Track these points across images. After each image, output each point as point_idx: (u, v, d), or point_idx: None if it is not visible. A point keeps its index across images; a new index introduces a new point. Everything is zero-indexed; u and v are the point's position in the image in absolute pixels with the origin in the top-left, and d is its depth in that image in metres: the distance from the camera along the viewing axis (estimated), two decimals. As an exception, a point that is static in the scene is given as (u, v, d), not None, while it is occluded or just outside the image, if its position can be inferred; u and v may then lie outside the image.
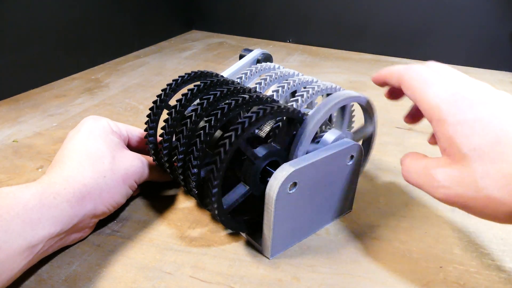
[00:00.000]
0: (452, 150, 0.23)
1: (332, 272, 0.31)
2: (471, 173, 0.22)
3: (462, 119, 0.23)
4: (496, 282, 0.30)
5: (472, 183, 0.22)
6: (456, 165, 0.23)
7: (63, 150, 0.32)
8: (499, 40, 0.81)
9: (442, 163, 0.24)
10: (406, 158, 0.28)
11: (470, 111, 0.23)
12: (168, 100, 0.35)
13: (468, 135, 0.22)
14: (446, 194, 0.23)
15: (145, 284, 0.29)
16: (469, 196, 0.22)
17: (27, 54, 0.65)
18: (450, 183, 0.23)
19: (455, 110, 0.23)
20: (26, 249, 0.26)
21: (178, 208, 0.38)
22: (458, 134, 0.22)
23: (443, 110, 0.24)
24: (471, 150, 0.22)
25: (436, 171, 0.24)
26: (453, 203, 0.23)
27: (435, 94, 0.25)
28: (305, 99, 0.34)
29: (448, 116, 0.23)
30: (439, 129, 0.24)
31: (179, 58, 0.87)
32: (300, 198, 0.31)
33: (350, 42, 0.95)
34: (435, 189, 0.24)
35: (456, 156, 0.22)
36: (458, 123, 0.23)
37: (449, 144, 0.23)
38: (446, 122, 0.23)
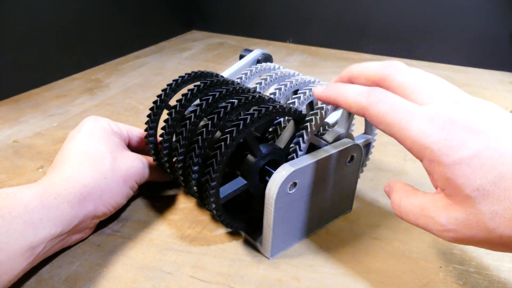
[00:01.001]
0: (452, 192, 0.21)
1: (332, 272, 0.31)
2: (478, 215, 0.20)
3: (458, 158, 0.20)
4: (496, 282, 0.30)
5: (481, 225, 0.20)
6: (458, 206, 0.21)
7: (64, 150, 0.33)
8: (499, 40, 0.81)
9: (442, 204, 0.22)
10: (394, 194, 0.25)
11: (465, 148, 0.20)
12: (168, 100, 0.35)
13: (468, 176, 0.20)
14: (455, 237, 0.21)
15: (146, 284, 0.29)
16: (481, 237, 0.20)
17: (27, 54, 0.65)
18: (456, 226, 0.21)
19: (448, 150, 0.20)
20: (27, 250, 0.26)
21: (178, 208, 0.38)
22: (457, 175, 0.20)
23: (434, 151, 0.21)
24: (474, 190, 0.20)
25: (438, 214, 0.22)
26: (465, 244, 0.22)
27: (420, 131, 0.21)
28: (304, 100, 0.34)
29: (442, 157, 0.21)
30: (434, 170, 0.21)
31: (179, 58, 0.87)
32: (300, 198, 0.31)
33: (350, 42, 0.95)
34: (441, 232, 0.22)
35: (458, 198, 0.21)
36: (454, 164, 0.20)
37: (447, 185, 0.21)
38: (441, 164, 0.21)
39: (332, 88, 0.27)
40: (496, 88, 0.73)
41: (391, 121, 0.22)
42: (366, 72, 0.26)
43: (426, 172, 0.22)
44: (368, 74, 0.26)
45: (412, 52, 0.89)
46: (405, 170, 0.45)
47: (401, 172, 0.44)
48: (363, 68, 0.27)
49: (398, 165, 0.46)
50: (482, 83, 0.76)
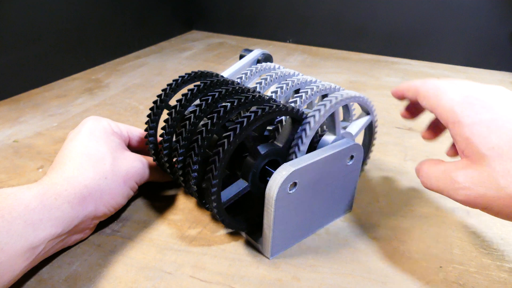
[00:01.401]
0: (470, 151, 0.23)
1: (332, 272, 0.31)
2: (491, 173, 0.22)
3: (478, 119, 0.23)
4: (496, 282, 0.30)
5: (492, 183, 0.21)
6: (475, 165, 0.23)
7: (64, 150, 0.32)
8: (499, 40, 0.81)
9: (461, 165, 0.24)
10: (423, 165, 0.28)
11: (484, 112, 0.23)
12: (168, 100, 0.35)
13: (485, 135, 0.22)
14: (467, 195, 0.23)
15: (146, 284, 0.29)
16: (491, 196, 0.22)
17: (27, 54, 0.65)
18: (470, 184, 0.23)
19: (469, 112, 0.23)
20: (27, 250, 0.26)
21: (178, 208, 0.38)
22: (475, 134, 0.23)
23: (457, 112, 0.24)
24: (489, 149, 0.22)
25: (456, 173, 0.24)
26: (475, 204, 0.23)
27: (449, 98, 0.25)
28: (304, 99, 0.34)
29: (464, 118, 0.23)
30: (456, 131, 0.24)
31: (179, 58, 0.87)
32: (300, 198, 0.31)
33: (350, 42, 0.95)
34: (456, 191, 0.23)
35: (475, 157, 0.23)
36: (474, 124, 0.23)
37: (466, 145, 0.23)
38: (462, 123, 0.23)
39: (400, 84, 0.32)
40: (496, 88, 0.73)
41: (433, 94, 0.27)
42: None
43: None
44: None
45: (412, 52, 0.89)
46: (405, 170, 0.45)
47: (401, 172, 0.44)
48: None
49: (398, 165, 0.46)
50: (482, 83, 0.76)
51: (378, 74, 0.79)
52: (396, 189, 0.41)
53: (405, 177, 0.43)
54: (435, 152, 0.49)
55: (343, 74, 0.78)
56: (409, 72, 0.81)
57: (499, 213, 0.22)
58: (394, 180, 0.43)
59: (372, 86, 0.72)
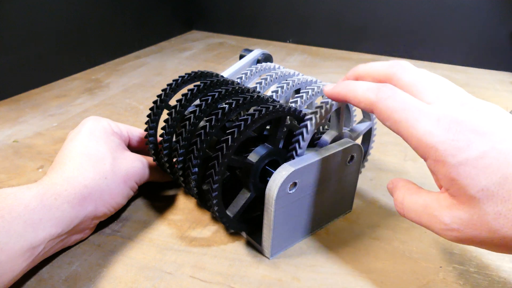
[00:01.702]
0: (456, 192, 0.21)
1: (332, 272, 0.31)
2: (482, 215, 0.20)
3: (464, 159, 0.20)
4: (496, 282, 0.30)
5: (484, 225, 0.20)
6: (463, 206, 0.21)
7: (64, 150, 0.32)
8: (499, 40, 0.81)
9: (446, 203, 0.22)
10: (398, 192, 0.25)
11: (471, 149, 0.20)
12: (168, 100, 0.35)
13: (472, 176, 0.20)
14: (458, 237, 0.21)
15: (146, 284, 0.29)
16: (484, 238, 0.21)
17: (27, 54, 0.65)
18: (460, 226, 0.21)
19: (454, 151, 0.21)
20: (27, 250, 0.26)
21: (178, 208, 0.38)
22: (462, 176, 0.20)
23: (440, 151, 0.21)
24: (479, 191, 0.20)
25: (441, 213, 0.22)
26: (467, 244, 0.22)
27: (426, 130, 0.22)
28: (305, 100, 0.34)
29: (447, 158, 0.21)
30: (439, 170, 0.22)
31: (179, 58, 0.87)
32: (300, 198, 0.31)
33: (350, 42, 0.95)
34: (444, 231, 0.22)
35: (462, 198, 0.21)
36: (460, 164, 0.20)
37: (452, 185, 0.21)
38: (446, 164, 0.21)
39: (342, 85, 0.27)
40: (496, 88, 0.73)
41: (399, 119, 0.23)
42: (372, 72, 0.27)
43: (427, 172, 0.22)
44: (375, 73, 0.26)
45: (412, 52, 0.89)
46: (405, 170, 0.45)
47: (401, 172, 0.44)
48: (369, 67, 0.27)
49: (398, 165, 0.46)
50: (482, 83, 0.76)
51: (378, 74, 0.78)
52: (396, 189, 0.41)
53: (405, 177, 0.43)
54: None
55: (343, 74, 0.78)
56: (409, 72, 0.81)
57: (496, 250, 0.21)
58: (394, 180, 0.43)
59: (372, 86, 0.72)
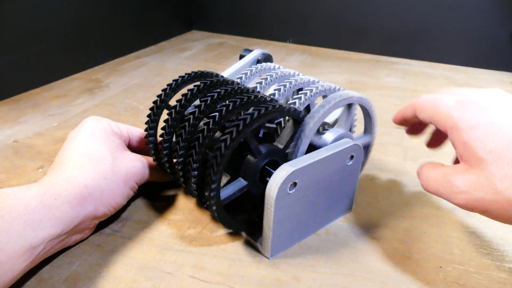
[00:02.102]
0: (468, 155, 0.23)
1: (332, 272, 0.31)
2: (489, 177, 0.22)
3: (475, 123, 0.23)
4: (496, 282, 0.30)
5: (490, 187, 0.22)
6: (473, 169, 0.23)
7: (64, 151, 0.32)
8: (499, 40, 0.81)
9: (460, 169, 0.24)
10: (424, 168, 0.28)
11: (481, 115, 0.23)
12: (168, 100, 0.35)
13: (482, 139, 0.22)
14: (466, 199, 0.23)
15: (146, 284, 0.29)
16: (489, 200, 0.22)
17: (27, 54, 0.65)
18: (469, 188, 0.23)
19: (466, 116, 0.23)
20: (27, 250, 0.26)
21: (178, 208, 0.38)
22: (472, 138, 0.23)
23: (454, 117, 0.24)
24: (487, 153, 0.22)
25: (455, 177, 0.24)
26: (473, 208, 0.23)
27: (445, 104, 0.25)
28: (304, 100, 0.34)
29: (460, 122, 0.24)
30: (454, 136, 0.24)
31: (179, 58, 0.87)
32: (300, 198, 0.31)
33: (350, 42, 0.95)
34: (455, 195, 0.24)
35: (473, 161, 0.23)
36: (471, 128, 0.23)
37: (464, 149, 0.23)
38: (459, 128, 0.24)
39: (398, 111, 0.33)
40: (496, 88, 0.73)
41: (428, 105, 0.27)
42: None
43: None
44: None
45: (412, 52, 0.89)
46: (405, 170, 0.45)
47: (401, 172, 0.44)
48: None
49: (398, 165, 0.46)
50: (482, 83, 0.76)
51: (378, 74, 0.79)
52: (396, 189, 0.41)
53: (405, 177, 0.43)
54: (435, 152, 0.49)
55: (343, 74, 0.78)
56: (409, 72, 0.81)
57: (498, 216, 0.22)
58: (394, 180, 0.43)
59: (372, 86, 0.72)
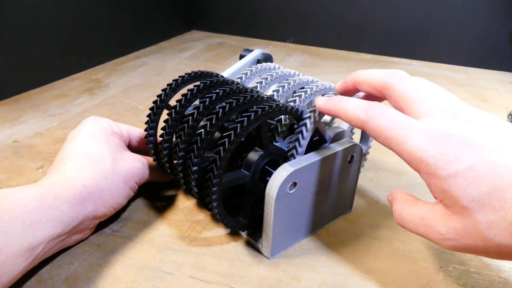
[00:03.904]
0: (449, 203, 0.22)
1: (332, 272, 0.31)
2: (475, 224, 0.21)
3: (454, 172, 0.21)
4: (496, 282, 0.30)
5: (478, 234, 0.21)
6: (456, 216, 0.22)
7: (64, 151, 0.32)
8: (499, 40, 0.81)
9: (441, 214, 0.22)
10: (396, 204, 0.26)
11: (460, 161, 0.21)
12: (168, 100, 0.35)
13: (463, 188, 0.21)
14: (454, 245, 0.22)
15: (146, 284, 0.29)
16: (479, 246, 0.21)
17: (27, 54, 0.65)
18: (455, 235, 0.22)
19: (443, 164, 0.21)
20: (26, 250, 0.26)
21: (178, 208, 0.38)
22: (453, 187, 0.21)
23: (430, 165, 0.22)
24: (470, 202, 0.21)
25: (436, 223, 0.22)
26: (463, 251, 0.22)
27: (416, 145, 0.22)
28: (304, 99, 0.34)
29: (438, 171, 0.21)
30: (431, 182, 0.22)
31: (179, 58, 0.87)
32: (300, 198, 0.31)
33: (350, 42, 0.95)
34: (441, 241, 0.23)
35: (455, 209, 0.22)
36: (450, 177, 0.21)
37: (444, 197, 0.22)
38: (437, 177, 0.22)
39: (333, 101, 0.28)
40: (496, 88, 0.73)
41: (389, 136, 0.23)
42: (370, 80, 0.27)
43: None
44: (372, 82, 0.27)
45: (412, 52, 0.89)
46: (405, 170, 0.45)
47: (401, 172, 0.44)
48: (367, 75, 0.28)
49: (398, 165, 0.46)
50: (482, 83, 0.76)
51: (378, 74, 0.78)
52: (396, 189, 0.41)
53: (405, 177, 0.43)
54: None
55: (343, 74, 0.78)
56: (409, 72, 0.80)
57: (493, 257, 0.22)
58: (394, 180, 0.43)
59: (372, 86, 0.72)
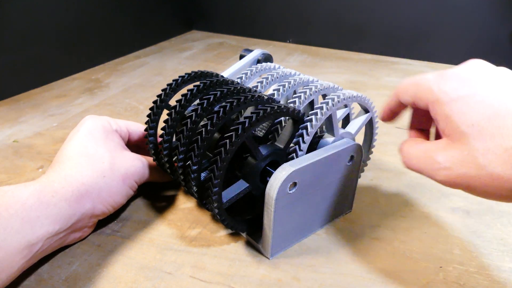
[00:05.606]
0: (450, 129, 0.22)
1: (332, 272, 0.31)
2: (471, 151, 0.21)
3: (456, 96, 0.22)
4: (496, 282, 0.30)
5: (473, 161, 0.21)
6: (456, 144, 0.22)
7: (63, 150, 0.33)
8: (499, 40, 0.81)
9: (442, 144, 0.23)
10: (405, 145, 0.27)
11: (463, 87, 0.22)
12: (168, 100, 0.35)
13: (464, 112, 0.21)
14: (448, 175, 0.22)
15: (145, 284, 0.29)
16: (472, 175, 0.21)
17: (27, 54, 0.65)
18: (451, 163, 0.22)
19: (447, 88, 0.23)
20: (25, 247, 0.26)
21: (178, 208, 0.38)
22: (454, 111, 0.22)
23: (435, 91, 0.23)
24: (469, 126, 0.21)
25: (437, 153, 0.23)
26: (455, 184, 0.22)
27: (426, 79, 0.25)
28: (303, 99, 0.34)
29: (442, 95, 0.23)
30: (435, 110, 0.23)
31: (179, 58, 0.87)
32: (300, 198, 0.31)
33: (350, 42, 0.95)
34: (436, 171, 0.23)
35: (455, 135, 0.22)
36: (452, 101, 0.22)
37: (446, 123, 0.22)
38: (441, 101, 0.23)
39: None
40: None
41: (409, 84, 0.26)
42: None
43: None
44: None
45: (412, 52, 0.89)
46: (405, 170, 0.45)
47: (401, 172, 0.44)
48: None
49: (398, 165, 0.46)
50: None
51: (378, 74, 0.79)
52: (396, 189, 0.41)
53: (405, 177, 0.43)
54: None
55: (343, 74, 0.78)
56: (409, 72, 0.81)
57: (481, 192, 0.22)
58: (394, 180, 0.43)
59: (372, 86, 0.72)
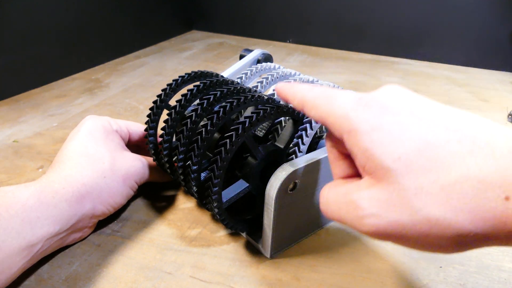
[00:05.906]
0: (372, 165, 0.18)
1: (332, 272, 0.31)
2: (401, 192, 0.17)
3: (377, 124, 0.18)
4: (496, 282, 0.30)
5: (404, 204, 0.17)
6: (381, 183, 0.17)
7: (63, 150, 0.33)
8: (499, 40, 0.81)
9: (364, 185, 0.18)
10: (325, 188, 0.22)
11: (384, 114, 0.18)
12: (168, 100, 0.35)
13: (388, 143, 0.17)
14: (375, 224, 0.17)
15: (146, 284, 0.29)
16: (405, 222, 0.17)
17: (27, 54, 0.65)
18: (378, 209, 0.17)
19: (366, 115, 0.19)
20: (25, 248, 0.26)
21: (178, 208, 0.38)
22: (376, 143, 0.18)
23: (352, 118, 0.19)
24: (395, 160, 0.17)
25: (359, 196, 0.18)
26: (385, 235, 0.18)
27: (341, 102, 0.20)
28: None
29: (361, 124, 0.18)
30: (352, 142, 0.19)
31: (179, 58, 0.87)
32: (300, 198, 0.31)
33: (350, 42, 0.95)
34: (361, 220, 0.18)
35: (379, 172, 0.17)
36: (373, 130, 0.18)
37: (367, 158, 0.18)
38: (359, 131, 0.18)
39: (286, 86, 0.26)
40: (496, 88, 0.73)
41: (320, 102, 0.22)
42: None
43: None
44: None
45: (412, 52, 0.89)
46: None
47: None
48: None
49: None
50: (482, 83, 0.76)
51: (378, 74, 0.79)
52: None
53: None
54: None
55: (343, 74, 0.78)
56: (409, 72, 0.81)
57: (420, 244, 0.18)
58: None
59: (372, 86, 0.72)
